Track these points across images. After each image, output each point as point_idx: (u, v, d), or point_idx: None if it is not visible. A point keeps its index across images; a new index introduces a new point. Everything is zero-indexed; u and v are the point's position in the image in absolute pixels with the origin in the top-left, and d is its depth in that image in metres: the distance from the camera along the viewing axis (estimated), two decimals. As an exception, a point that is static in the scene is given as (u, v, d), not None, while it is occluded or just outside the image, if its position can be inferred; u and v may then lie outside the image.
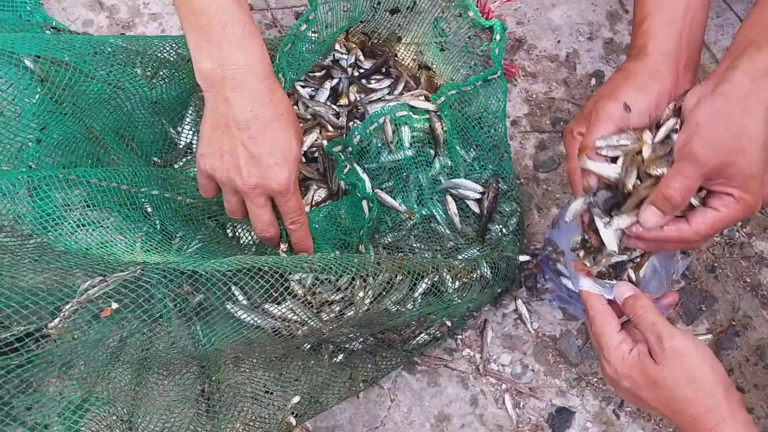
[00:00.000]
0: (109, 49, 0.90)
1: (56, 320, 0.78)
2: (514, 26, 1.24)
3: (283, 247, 0.89)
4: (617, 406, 1.02)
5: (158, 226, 0.89)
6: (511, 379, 1.03)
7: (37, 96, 0.89)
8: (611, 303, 0.77)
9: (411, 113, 1.05)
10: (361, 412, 0.99)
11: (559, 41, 1.24)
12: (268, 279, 0.80)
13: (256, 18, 1.18)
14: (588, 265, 0.80)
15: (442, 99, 1.03)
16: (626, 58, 0.79)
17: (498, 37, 1.04)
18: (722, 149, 0.64)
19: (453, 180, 1.06)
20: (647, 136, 0.73)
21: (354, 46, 1.13)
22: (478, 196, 1.06)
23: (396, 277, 0.90)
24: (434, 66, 1.14)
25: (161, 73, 0.98)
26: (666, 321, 0.71)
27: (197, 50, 0.75)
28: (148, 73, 0.96)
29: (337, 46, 1.12)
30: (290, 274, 0.84)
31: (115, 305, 0.75)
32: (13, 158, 0.90)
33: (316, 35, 1.02)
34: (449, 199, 1.06)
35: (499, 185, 1.06)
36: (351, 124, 1.07)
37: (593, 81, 1.22)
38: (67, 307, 0.79)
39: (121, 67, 0.92)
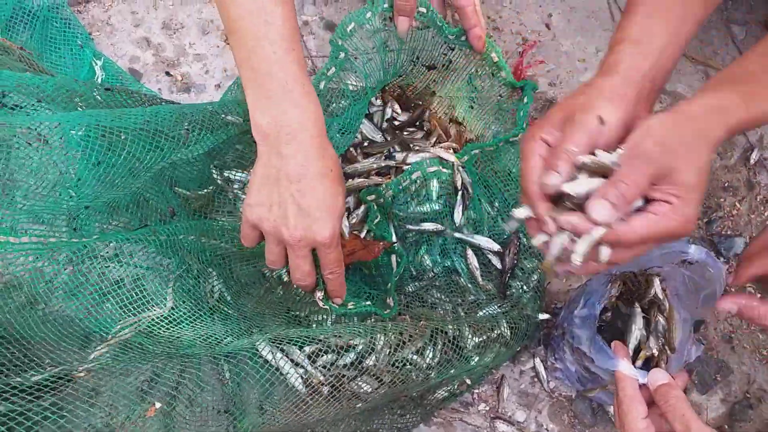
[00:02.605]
0: (160, 119, 0.93)
1: (90, 361, 0.81)
2: (546, 87, 1.27)
3: (319, 294, 0.92)
4: (628, 471, 1.03)
5: (194, 270, 0.92)
6: (525, 437, 1.04)
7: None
8: (641, 387, 0.79)
9: (441, 167, 1.07)
10: (376, 461, 1.01)
11: (589, 103, 1.27)
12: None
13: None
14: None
15: (466, 158, 1.05)
16: (597, 73, 0.76)
17: (525, 99, 1.07)
18: (672, 150, 0.64)
19: (474, 235, 1.08)
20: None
21: (390, 97, 1.16)
22: (498, 248, 1.07)
23: (416, 340, 0.93)
24: (465, 121, 1.17)
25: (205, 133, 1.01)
26: (696, 415, 0.73)
27: (256, 105, 0.78)
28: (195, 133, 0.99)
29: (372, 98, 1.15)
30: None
31: (158, 404, 0.77)
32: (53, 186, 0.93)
33: (355, 88, 1.05)
34: (470, 252, 1.08)
35: (521, 241, 1.08)
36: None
37: (620, 144, 1.25)
38: (100, 348, 0.82)
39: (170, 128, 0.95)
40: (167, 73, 1.21)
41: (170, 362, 0.91)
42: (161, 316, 0.86)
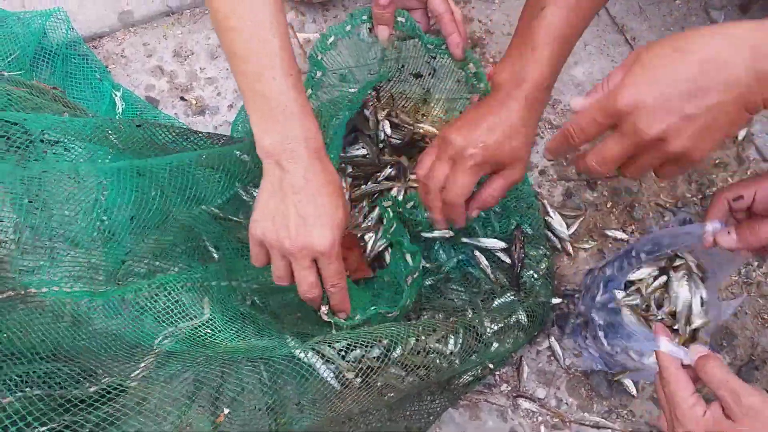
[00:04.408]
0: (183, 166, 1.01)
1: (138, 372, 0.87)
2: (539, 82, 1.34)
3: (324, 309, 0.96)
4: (646, 437, 1.10)
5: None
6: (548, 410, 1.11)
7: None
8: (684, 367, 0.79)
9: None
10: (410, 445, 1.07)
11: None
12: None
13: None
14: None
15: None
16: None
17: None
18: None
19: (479, 239, 1.14)
20: None
21: (381, 117, 1.19)
22: (504, 245, 1.13)
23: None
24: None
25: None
26: (739, 379, 0.71)
27: (260, 127, 0.84)
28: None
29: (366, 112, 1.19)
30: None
31: (227, 410, 0.84)
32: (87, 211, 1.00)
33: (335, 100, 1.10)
34: (478, 253, 1.14)
35: (525, 234, 1.14)
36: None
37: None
38: (148, 359, 0.89)
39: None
40: (182, 98, 1.28)
41: (210, 367, 0.98)
42: (199, 324, 0.93)
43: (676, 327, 1.03)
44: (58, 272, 0.91)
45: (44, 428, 0.71)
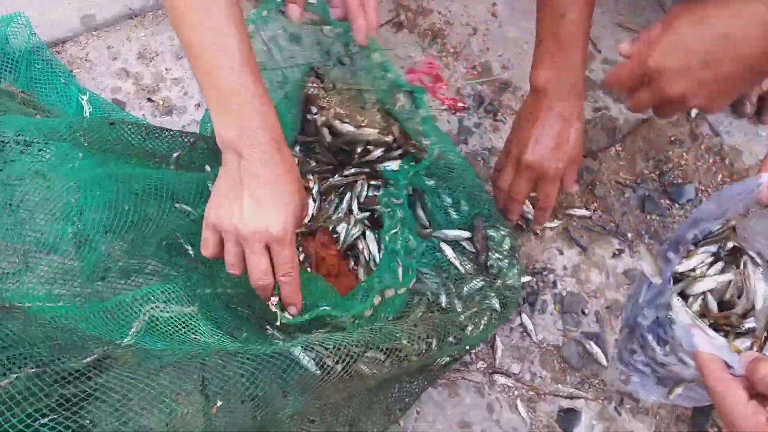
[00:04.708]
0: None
1: (127, 339, 0.88)
2: (499, 70, 1.38)
3: (274, 300, 0.93)
4: (618, 404, 1.14)
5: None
6: (523, 384, 1.14)
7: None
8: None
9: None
10: (392, 426, 1.10)
11: (540, 80, 1.39)
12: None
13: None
14: None
15: (405, 182, 1.10)
16: None
17: (421, 110, 1.08)
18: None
19: (442, 231, 1.16)
20: None
21: (320, 124, 1.17)
22: (468, 235, 1.15)
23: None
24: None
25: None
26: None
27: (219, 119, 0.84)
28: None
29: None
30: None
31: (220, 402, 0.85)
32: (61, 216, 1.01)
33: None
34: (444, 246, 1.15)
35: (485, 220, 1.15)
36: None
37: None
38: (135, 325, 0.90)
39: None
40: (149, 99, 1.29)
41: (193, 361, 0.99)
42: (184, 313, 0.94)
43: (744, 329, 0.87)
44: (33, 278, 0.93)
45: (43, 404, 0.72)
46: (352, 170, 1.18)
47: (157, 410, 0.80)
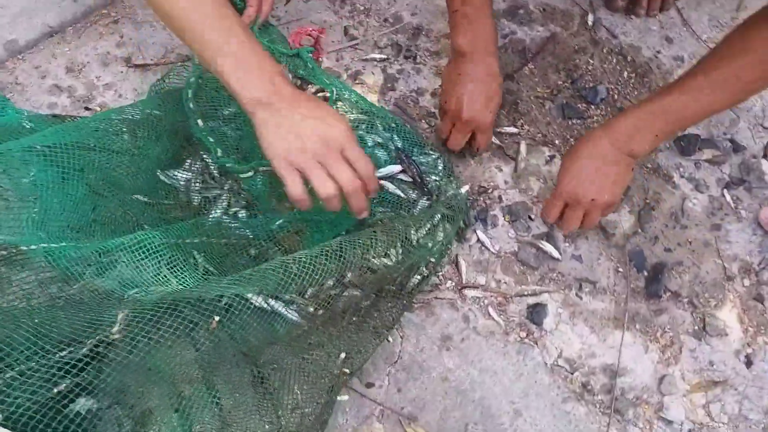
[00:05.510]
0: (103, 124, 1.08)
1: (115, 327, 0.94)
2: (409, 18, 1.48)
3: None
4: (578, 290, 1.25)
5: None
6: (491, 292, 1.24)
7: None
8: None
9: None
10: (380, 353, 1.18)
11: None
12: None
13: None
14: None
15: None
16: None
17: (309, 65, 1.26)
18: None
19: (378, 170, 1.24)
20: None
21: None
22: (399, 168, 1.25)
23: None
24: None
25: (139, 133, 1.17)
26: None
27: (243, 85, 0.95)
28: (133, 133, 1.14)
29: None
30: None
31: (217, 318, 0.92)
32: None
33: None
34: (384, 182, 1.25)
35: (407, 154, 1.26)
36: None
37: (485, 45, 1.47)
38: (121, 315, 0.95)
39: (113, 135, 1.11)
40: (86, 108, 1.34)
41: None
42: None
43: None
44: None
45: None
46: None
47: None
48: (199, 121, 1.18)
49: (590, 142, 1.16)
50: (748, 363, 1.22)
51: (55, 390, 0.80)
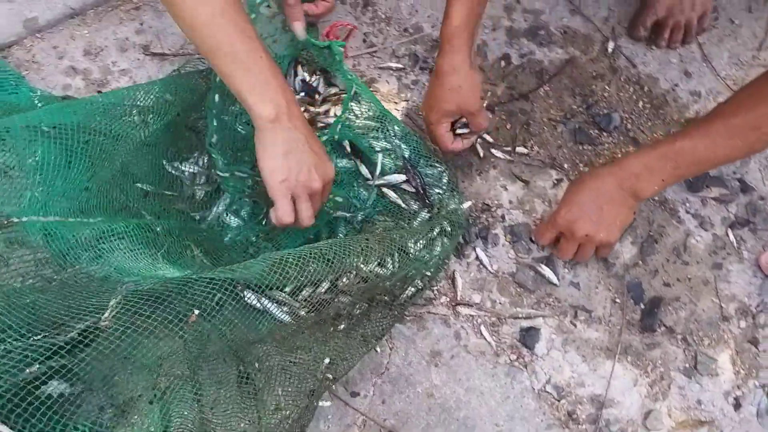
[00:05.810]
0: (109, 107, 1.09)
1: (106, 313, 0.94)
2: (429, 29, 1.47)
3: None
4: (573, 317, 1.24)
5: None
6: (485, 312, 1.24)
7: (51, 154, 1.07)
8: None
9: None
10: (367, 363, 1.18)
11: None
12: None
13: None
14: None
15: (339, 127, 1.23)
16: None
17: (337, 57, 1.24)
18: None
19: (382, 177, 1.26)
20: None
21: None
22: (404, 178, 1.25)
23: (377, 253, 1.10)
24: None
25: (149, 118, 1.17)
26: None
27: (257, 99, 0.97)
28: (142, 118, 1.15)
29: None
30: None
31: (197, 311, 0.93)
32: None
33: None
34: (387, 191, 1.25)
35: (413, 161, 1.26)
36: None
37: (503, 63, 1.46)
38: (113, 301, 0.96)
39: (122, 117, 1.11)
40: (99, 92, 1.34)
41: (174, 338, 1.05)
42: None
43: None
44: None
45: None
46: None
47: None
48: (216, 96, 1.17)
49: (597, 178, 1.16)
50: (737, 405, 1.21)
51: (27, 371, 0.80)
